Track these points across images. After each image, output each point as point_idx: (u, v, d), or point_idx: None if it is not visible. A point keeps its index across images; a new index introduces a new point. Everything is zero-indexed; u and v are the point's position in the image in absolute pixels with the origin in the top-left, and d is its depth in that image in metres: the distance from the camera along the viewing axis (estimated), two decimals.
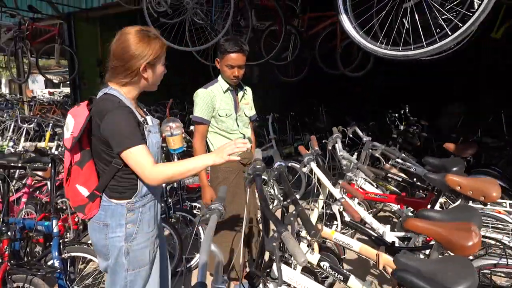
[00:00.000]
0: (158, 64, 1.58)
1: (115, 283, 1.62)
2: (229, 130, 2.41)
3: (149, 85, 1.63)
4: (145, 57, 1.52)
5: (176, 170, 1.50)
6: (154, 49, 1.53)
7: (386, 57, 1.97)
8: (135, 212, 1.58)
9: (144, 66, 1.52)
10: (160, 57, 1.57)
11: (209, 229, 1.11)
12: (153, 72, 1.58)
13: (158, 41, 1.57)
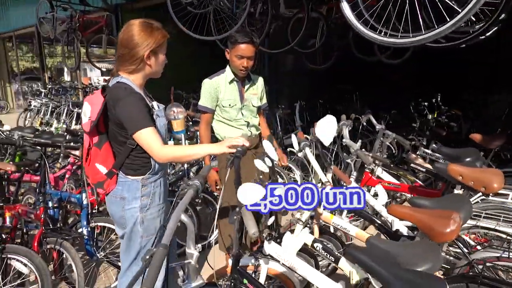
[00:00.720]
0: (160, 53, 1.74)
1: (130, 247, 1.85)
2: (232, 119, 2.49)
3: (153, 72, 1.79)
4: (148, 45, 1.68)
5: (181, 152, 1.72)
6: (156, 38, 1.70)
7: (384, 44, 1.96)
8: (148, 186, 1.79)
9: (148, 53, 1.69)
10: (162, 45, 1.73)
11: (183, 201, 1.26)
12: (156, 59, 1.74)
13: (160, 32, 1.73)
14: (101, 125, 1.77)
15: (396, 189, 2.84)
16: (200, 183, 1.36)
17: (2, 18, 11.99)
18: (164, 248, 1.06)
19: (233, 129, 2.56)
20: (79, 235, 2.50)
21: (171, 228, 1.15)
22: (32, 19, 8.42)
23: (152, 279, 0.97)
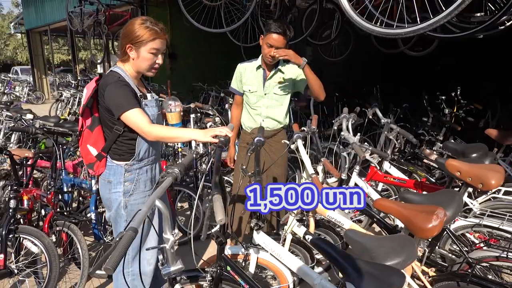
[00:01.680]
0: (142, 48, 1.76)
1: (116, 230, 1.97)
2: (251, 105, 2.56)
3: (137, 66, 1.83)
4: (129, 38, 1.76)
5: (167, 133, 1.74)
6: (139, 34, 1.75)
7: (381, 35, 1.91)
8: (132, 172, 1.86)
9: (129, 45, 1.76)
10: (145, 43, 1.75)
11: (160, 187, 1.31)
12: (137, 54, 1.79)
13: (149, 30, 1.76)
14: (95, 109, 1.88)
15: (402, 184, 2.78)
16: (179, 171, 1.40)
17: (38, 12, 12.60)
18: (132, 232, 1.11)
19: (249, 117, 2.60)
20: (87, 219, 2.65)
21: (143, 212, 1.20)
22: (64, 13, 8.81)
23: (115, 260, 1.02)
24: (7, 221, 2.28)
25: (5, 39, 28.40)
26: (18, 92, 13.17)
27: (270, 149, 2.54)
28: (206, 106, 3.60)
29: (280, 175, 2.57)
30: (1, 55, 29.12)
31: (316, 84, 2.34)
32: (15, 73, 19.44)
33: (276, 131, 2.55)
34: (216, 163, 1.44)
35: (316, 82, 2.33)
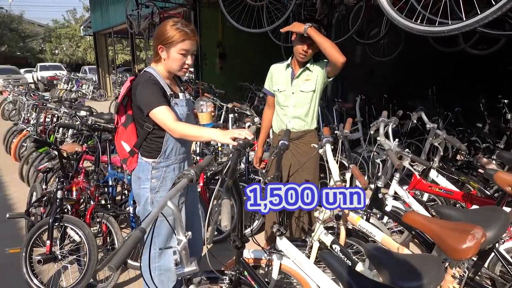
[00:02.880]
0: (172, 49, 1.81)
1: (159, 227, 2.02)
2: (281, 104, 2.54)
3: (169, 66, 1.88)
4: (161, 39, 1.82)
5: (190, 131, 1.76)
6: (170, 35, 1.80)
7: (420, 34, 1.73)
8: (159, 170, 1.92)
9: (160, 47, 1.82)
10: (175, 44, 1.80)
11: (174, 188, 1.32)
12: (168, 55, 1.84)
13: (179, 32, 1.80)
14: (129, 107, 1.97)
15: (448, 196, 2.54)
16: (195, 173, 1.40)
17: (104, 16, 13.57)
18: (140, 232, 1.13)
19: (277, 118, 2.59)
20: (125, 212, 2.78)
21: (154, 213, 1.21)
22: (125, 16, 9.39)
23: (119, 259, 1.04)
24: (54, 211, 2.47)
25: (77, 41, 31.08)
26: (85, 90, 14.31)
27: (297, 152, 2.47)
28: (244, 106, 3.60)
29: (310, 180, 2.49)
30: (74, 56, 31.92)
31: (327, 45, 2.18)
32: (84, 72, 21.21)
33: (303, 132, 2.47)
34: (232, 166, 1.42)
35: (326, 43, 2.18)
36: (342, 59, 2.14)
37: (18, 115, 7.69)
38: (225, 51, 9.96)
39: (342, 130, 2.07)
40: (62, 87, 14.31)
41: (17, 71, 20.33)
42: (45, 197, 2.85)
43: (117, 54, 21.79)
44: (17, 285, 2.56)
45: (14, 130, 5.93)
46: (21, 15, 33.10)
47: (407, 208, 2.61)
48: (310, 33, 2.16)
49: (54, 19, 36.09)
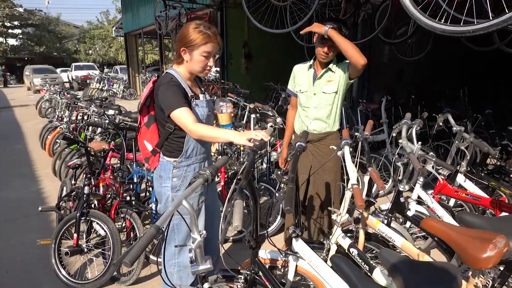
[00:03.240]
0: (195, 52, 1.85)
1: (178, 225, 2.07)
2: (302, 105, 2.53)
3: (190, 67, 1.92)
4: (183, 41, 1.86)
5: (208, 132, 1.78)
6: (193, 38, 1.84)
7: (445, 34, 1.67)
8: (180, 169, 1.96)
9: (183, 49, 1.86)
10: (198, 46, 1.84)
11: (189, 188, 1.35)
12: (191, 56, 1.88)
13: (202, 34, 1.84)
14: (151, 107, 2.03)
15: (476, 201, 2.44)
16: (210, 173, 1.42)
17: (134, 17, 13.97)
18: (154, 229, 1.17)
19: (299, 119, 2.58)
20: (147, 209, 2.86)
21: (169, 211, 1.24)
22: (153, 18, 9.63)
23: (133, 255, 1.07)
24: (81, 205, 2.58)
25: (109, 41, 32.18)
26: (115, 89, 14.80)
27: (318, 153, 2.45)
28: (266, 107, 3.61)
29: (331, 182, 2.46)
30: (106, 56, 33.07)
31: (347, 46, 2.13)
32: (115, 71, 21.92)
33: (324, 134, 2.45)
34: (247, 167, 1.43)
35: (346, 44, 2.13)
36: (362, 61, 2.10)
37: (53, 113, 8.07)
38: (251, 51, 9.99)
39: (362, 132, 2.04)
40: (94, 86, 14.88)
41: (54, 70, 21.33)
42: (74, 192, 2.99)
43: (146, 54, 22.38)
44: (47, 275, 2.70)
45: (49, 127, 6.24)
46: (58, 17, 34.68)
47: (431, 213, 2.53)
48: (330, 35, 2.14)
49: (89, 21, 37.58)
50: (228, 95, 5.29)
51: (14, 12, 27.53)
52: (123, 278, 2.61)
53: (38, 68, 20.80)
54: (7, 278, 2.75)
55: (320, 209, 2.57)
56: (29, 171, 5.58)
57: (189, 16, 7.66)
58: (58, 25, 34.14)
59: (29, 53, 30.14)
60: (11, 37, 28.95)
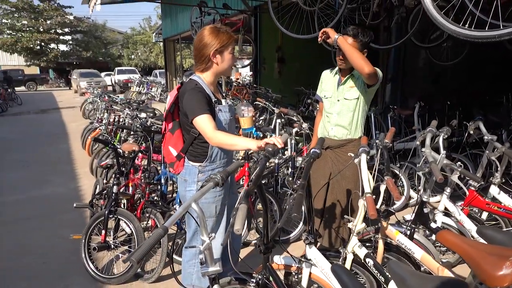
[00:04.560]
0: (226, 51, 1.93)
1: (189, 225, 2.15)
2: (326, 111, 2.53)
3: (220, 69, 1.99)
4: (213, 45, 1.91)
5: (226, 140, 1.83)
6: (221, 39, 1.91)
7: (469, 40, 1.58)
8: (205, 173, 2.03)
9: (213, 52, 1.92)
10: (227, 46, 1.92)
11: (200, 191, 1.39)
12: (222, 57, 1.95)
13: (226, 34, 1.92)
14: (176, 114, 2.10)
15: (508, 215, 2.29)
16: (221, 178, 1.46)
17: (173, 23, 14.47)
18: (162, 230, 1.22)
19: (322, 125, 2.57)
20: (171, 210, 2.95)
21: (178, 213, 1.29)
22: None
23: (141, 254, 1.13)
24: (109, 204, 2.72)
25: (150, 47, 33.53)
26: (153, 92, 15.37)
27: (338, 161, 2.41)
28: (291, 112, 3.60)
29: (351, 190, 2.42)
30: (147, 61, 34.49)
31: (352, 55, 2.12)
32: (155, 75, 22.79)
33: (345, 141, 2.41)
34: (258, 172, 1.45)
35: (351, 53, 2.12)
36: (367, 69, 2.07)
37: (95, 114, 8.54)
38: (284, 56, 10.01)
39: (383, 139, 1.99)
40: (134, 90, 15.56)
41: (98, 74, 22.57)
42: (105, 191, 3.15)
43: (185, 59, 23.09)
44: (77, 268, 2.86)
45: (89, 128, 6.62)
46: (104, 24, 36.73)
47: (459, 226, 2.41)
48: (338, 44, 2.14)
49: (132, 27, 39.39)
50: (257, 100, 5.33)
51: (65, 20, 29.46)
52: (146, 275, 2.71)
53: (85, 72, 22.13)
54: (44, 268, 2.95)
55: (339, 217, 2.53)
56: (70, 169, 5.94)
57: (224, 21, 7.80)
58: (104, 31, 36.10)
59: (77, 58, 32.10)
60: (62, 43, 30.97)
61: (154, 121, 3.96)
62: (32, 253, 3.19)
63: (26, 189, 4.96)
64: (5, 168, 6.06)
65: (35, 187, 5.03)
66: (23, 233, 3.60)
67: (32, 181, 5.35)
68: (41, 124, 10.90)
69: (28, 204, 4.40)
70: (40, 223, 3.82)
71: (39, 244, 3.34)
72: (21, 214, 4.09)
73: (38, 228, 3.70)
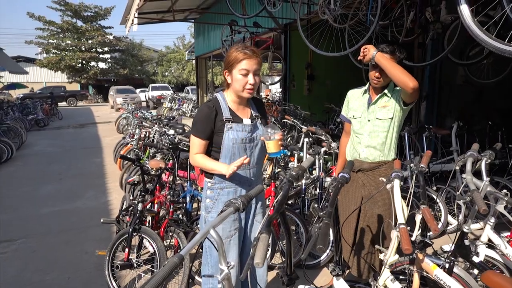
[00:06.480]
0: (234, 70, 1.87)
1: (206, 251, 2.06)
2: (355, 132, 2.41)
3: (234, 88, 1.92)
4: (226, 65, 1.92)
5: (204, 164, 1.94)
6: (231, 58, 1.88)
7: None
8: (213, 191, 1.98)
9: (225, 71, 1.92)
10: (234, 64, 1.86)
11: (218, 217, 1.32)
12: (231, 77, 1.91)
13: (238, 53, 1.87)
14: None
15: None
16: (242, 203, 1.39)
17: (205, 41, 14.86)
18: (177, 258, 1.15)
19: (351, 146, 2.46)
20: (195, 229, 2.90)
21: (195, 240, 1.22)
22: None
23: (154, 284, 1.06)
24: (133, 221, 2.71)
25: (183, 64, 34.60)
26: (185, 108, 15.72)
27: (371, 184, 2.27)
28: (319, 131, 3.49)
29: (384, 216, 2.26)
30: (180, 78, 35.54)
31: (394, 70, 2.00)
32: (186, 92, 23.39)
33: (378, 163, 2.27)
34: (281, 199, 1.36)
35: (393, 69, 2.01)
36: (411, 84, 1.94)
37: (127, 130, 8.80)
38: (314, 73, 9.95)
39: (418, 163, 1.84)
40: (166, 105, 15.99)
41: (134, 91, 23.47)
42: (131, 207, 3.16)
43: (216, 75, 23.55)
44: (101, 285, 2.85)
45: (122, 143, 6.80)
46: (141, 43, 38.36)
47: (506, 260, 2.17)
48: (376, 60, 2.03)
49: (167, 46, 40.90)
50: (285, 117, 5.26)
51: (106, 39, 31.11)
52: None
53: (121, 88, 23.09)
54: (68, 284, 2.97)
55: (371, 244, 2.37)
56: (102, 183, 6.10)
57: (254, 39, 7.88)
58: (141, 49, 37.70)
59: (114, 75, 33.65)
60: (101, 61, 32.65)
61: (182, 138, 3.98)
62: (58, 267, 3.23)
63: (59, 202, 5.12)
64: (42, 181, 6.32)
65: (68, 200, 5.19)
66: (52, 246, 3.68)
67: (65, 193, 5.53)
68: (78, 138, 11.40)
69: (60, 217, 4.53)
70: (69, 237, 3.89)
71: (66, 259, 3.39)
72: (53, 227, 4.20)
73: (66, 242, 3.77)
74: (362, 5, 3.41)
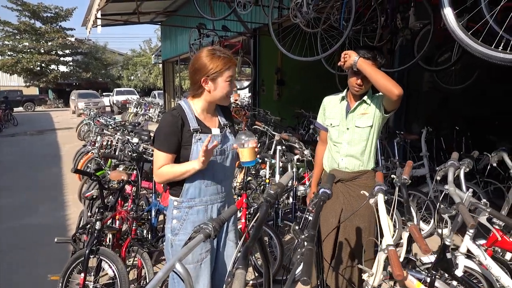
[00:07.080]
0: (219, 78, 1.69)
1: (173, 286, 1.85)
2: (333, 141, 2.30)
3: (213, 97, 1.74)
4: (205, 71, 1.68)
5: (172, 172, 1.69)
6: (215, 65, 1.67)
7: (504, 64, 1.37)
8: (180, 210, 1.76)
9: (204, 79, 1.68)
10: (221, 72, 1.68)
11: (186, 247, 1.13)
12: (214, 85, 1.70)
13: (222, 59, 1.68)
14: None
15: None
16: (213, 228, 1.20)
17: (172, 45, 14.49)
18: None
19: (329, 156, 2.33)
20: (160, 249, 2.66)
21: (158, 277, 1.02)
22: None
23: None
24: (91, 242, 2.43)
25: (149, 68, 33.72)
26: (151, 114, 15.21)
27: (350, 195, 2.16)
28: (293, 138, 3.37)
29: (364, 229, 2.15)
30: (146, 82, 34.61)
31: (378, 77, 1.89)
32: (153, 96, 22.73)
33: (357, 173, 2.17)
34: (259, 223, 1.19)
35: (377, 75, 1.90)
36: (397, 91, 1.84)
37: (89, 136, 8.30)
38: (283, 78, 9.91)
39: (400, 175, 1.74)
40: (132, 111, 15.39)
41: (97, 95, 22.50)
42: (88, 225, 2.86)
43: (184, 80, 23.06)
44: None
45: (82, 151, 6.35)
46: (105, 45, 37.01)
47: (483, 270, 2.12)
48: (359, 66, 1.92)
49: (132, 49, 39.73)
50: (256, 123, 5.11)
51: (67, 41, 29.67)
52: None
53: (83, 93, 22.06)
54: None
55: (350, 259, 2.25)
56: (59, 195, 5.65)
57: (223, 43, 7.70)
58: (105, 53, 36.36)
59: (77, 79, 32.16)
60: (62, 64, 31.08)
61: (147, 146, 3.71)
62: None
63: (11, 217, 4.66)
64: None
65: (21, 215, 4.73)
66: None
67: (18, 208, 5.05)
68: (35, 146, 10.66)
69: (11, 235, 4.10)
70: (20, 258, 3.51)
71: (14, 283, 3.02)
72: (1, 246, 3.78)
73: (16, 263, 3.39)
74: (334, 10, 3.34)
